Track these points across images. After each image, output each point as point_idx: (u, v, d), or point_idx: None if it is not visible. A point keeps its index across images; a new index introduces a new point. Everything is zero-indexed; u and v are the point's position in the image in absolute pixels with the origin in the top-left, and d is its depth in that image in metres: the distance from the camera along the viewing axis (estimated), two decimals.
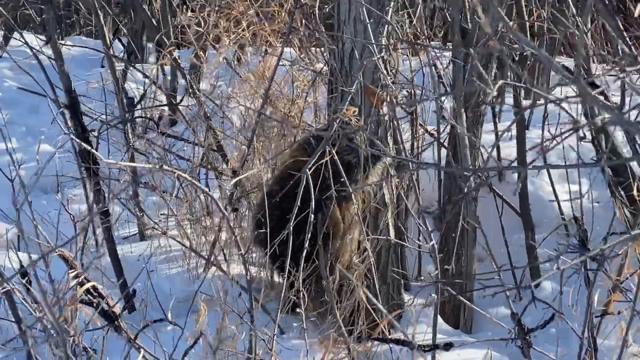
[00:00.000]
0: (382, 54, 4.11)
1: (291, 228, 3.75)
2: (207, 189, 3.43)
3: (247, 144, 4.79)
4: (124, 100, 5.63)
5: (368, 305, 4.26)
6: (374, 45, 4.27)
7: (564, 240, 5.40)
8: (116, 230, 5.46)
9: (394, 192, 4.67)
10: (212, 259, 4.67)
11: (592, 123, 1.81)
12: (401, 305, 4.78)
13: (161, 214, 5.50)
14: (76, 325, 2.82)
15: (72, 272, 2.80)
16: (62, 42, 7.67)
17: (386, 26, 4.37)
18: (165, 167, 3.12)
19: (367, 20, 3.99)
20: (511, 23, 5.02)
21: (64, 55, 6.57)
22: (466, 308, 4.90)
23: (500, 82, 2.14)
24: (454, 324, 4.88)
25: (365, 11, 4.13)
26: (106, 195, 4.47)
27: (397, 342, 3.65)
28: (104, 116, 5.44)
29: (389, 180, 4.58)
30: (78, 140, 2.71)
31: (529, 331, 3.04)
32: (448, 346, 3.56)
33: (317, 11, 4.75)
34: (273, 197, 4.27)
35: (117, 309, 3.20)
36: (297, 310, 4.03)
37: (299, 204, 3.76)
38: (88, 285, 2.79)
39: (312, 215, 3.90)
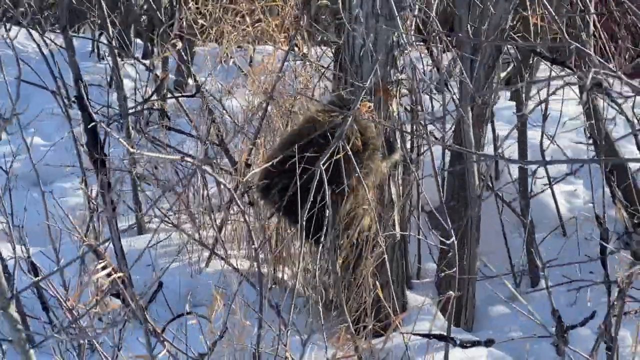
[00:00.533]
0: (409, 49, 4.08)
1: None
2: (225, 182, 3.39)
3: (253, 135, 4.76)
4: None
5: (384, 301, 4.24)
6: (390, 40, 4.27)
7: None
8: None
9: (401, 188, 4.67)
10: (220, 254, 4.64)
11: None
12: (405, 302, 4.79)
13: (161, 208, 5.47)
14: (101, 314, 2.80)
15: (101, 264, 2.76)
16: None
17: (410, 20, 4.36)
18: (187, 158, 3.08)
19: (396, 14, 3.96)
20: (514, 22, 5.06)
21: (52, 49, 6.55)
22: (467, 306, 4.90)
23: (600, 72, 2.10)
24: (455, 322, 4.87)
25: (391, 4, 4.10)
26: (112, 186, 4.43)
27: (438, 337, 3.63)
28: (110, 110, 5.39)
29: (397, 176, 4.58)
30: (105, 128, 2.66)
31: (567, 329, 3.03)
32: (489, 343, 3.54)
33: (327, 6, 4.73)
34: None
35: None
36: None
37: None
38: (116, 276, 2.76)
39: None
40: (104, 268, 2.74)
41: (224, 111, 5.33)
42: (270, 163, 3.90)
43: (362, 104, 4.07)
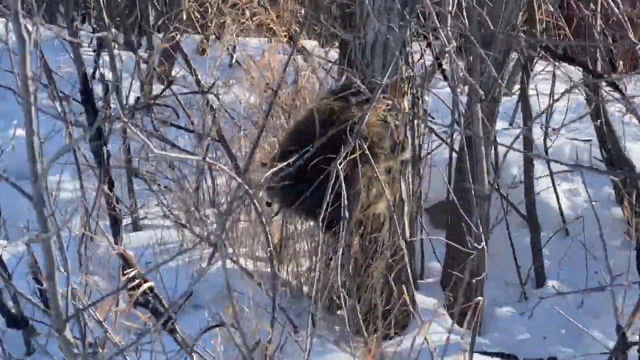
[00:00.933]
0: (450, 45, 3.94)
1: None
2: (245, 186, 3.25)
3: (258, 132, 4.62)
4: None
5: (409, 301, 4.13)
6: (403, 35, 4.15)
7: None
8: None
9: (411, 187, 4.57)
10: (224, 254, 4.49)
11: None
12: (414, 304, 4.68)
13: (156, 205, 5.35)
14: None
15: (129, 272, 2.62)
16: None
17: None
18: (207, 159, 2.94)
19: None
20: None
21: (34, 38, 6.35)
22: (476, 309, 4.78)
23: None
24: (462, 325, 4.77)
25: None
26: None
27: (502, 355, 3.50)
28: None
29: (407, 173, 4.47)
30: (131, 128, 2.51)
31: (630, 345, 2.91)
32: None
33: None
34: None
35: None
36: (339, 312, 3.89)
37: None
38: (146, 285, 2.62)
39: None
40: (133, 277, 2.60)
41: (224, 108, 5.19)
42: (287, 162, 3.77)
43: (383, 99, 3.96)
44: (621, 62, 5.46)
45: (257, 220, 4.33)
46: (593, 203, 5.69)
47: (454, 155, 5.15)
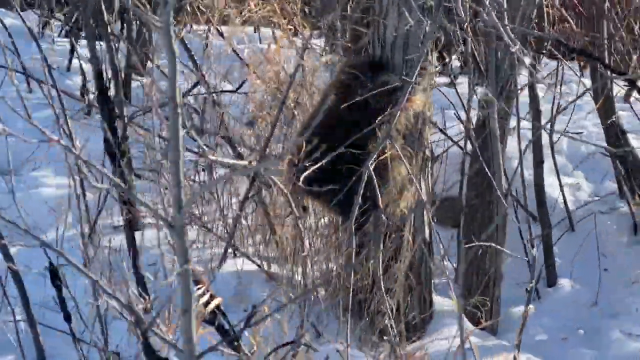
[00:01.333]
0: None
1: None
2: (282, 187, 3.14)
3: (270, 130, 4.49)
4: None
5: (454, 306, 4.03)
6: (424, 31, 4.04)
7: None
8: (109, 218, 5.15)
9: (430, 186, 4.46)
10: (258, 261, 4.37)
11: None
12: (432, 305, 4.57)
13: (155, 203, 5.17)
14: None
15: (199, 289, 2.48)
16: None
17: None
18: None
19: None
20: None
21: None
22: (492, 309, 4.70)
23: None
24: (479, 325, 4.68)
25: None
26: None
27: None
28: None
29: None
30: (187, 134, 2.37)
31: None
32: None
33: None
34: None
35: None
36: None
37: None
38: (214, 302, 2.48)
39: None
40: (202, 294, 2.46)
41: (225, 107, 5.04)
42: (319, 164, 3.66)
43: (411, 98, 3.87)
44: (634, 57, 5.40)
45: (294, 225, 4.18)
46: (596, 198, 5.66)
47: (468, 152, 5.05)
